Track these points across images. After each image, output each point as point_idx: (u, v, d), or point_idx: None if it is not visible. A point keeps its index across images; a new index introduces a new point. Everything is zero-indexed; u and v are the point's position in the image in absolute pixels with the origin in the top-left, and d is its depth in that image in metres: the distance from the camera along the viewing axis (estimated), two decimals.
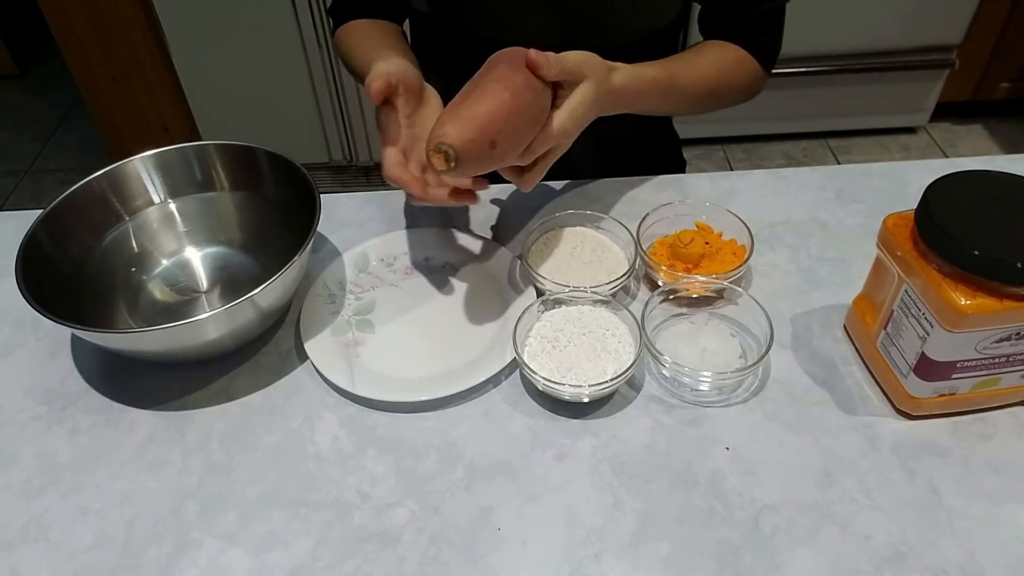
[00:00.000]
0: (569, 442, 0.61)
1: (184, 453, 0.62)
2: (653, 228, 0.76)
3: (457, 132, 0.56)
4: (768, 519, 0.55)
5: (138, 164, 0.76)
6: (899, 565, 0.53)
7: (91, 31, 1.90)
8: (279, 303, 0.68)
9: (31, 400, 0.67)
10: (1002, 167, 0.62)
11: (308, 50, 1.88)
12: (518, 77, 0.60)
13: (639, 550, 0.54)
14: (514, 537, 0.55)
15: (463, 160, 0.57)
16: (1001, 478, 0.58)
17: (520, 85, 0.59)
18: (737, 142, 2.29)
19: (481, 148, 0.57)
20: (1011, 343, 0.56)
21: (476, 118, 0.57)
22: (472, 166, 0.58)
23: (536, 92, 0.61)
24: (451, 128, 0.57)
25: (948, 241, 0.53)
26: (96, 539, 0.57)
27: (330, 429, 0.63)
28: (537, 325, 0.67)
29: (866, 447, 0.60)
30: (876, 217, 0.64)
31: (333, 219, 0.83)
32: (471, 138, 0.57)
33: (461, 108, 0.58)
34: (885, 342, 0.62)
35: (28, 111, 2.62)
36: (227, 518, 0.57)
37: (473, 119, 0.57)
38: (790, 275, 0.75)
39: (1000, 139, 2.27)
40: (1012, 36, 2.06)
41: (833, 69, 2.05)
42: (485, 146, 0.57)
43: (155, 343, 0.62)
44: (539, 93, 0.61)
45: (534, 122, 0.61)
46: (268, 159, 0.75)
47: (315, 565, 0.54)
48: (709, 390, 0.64)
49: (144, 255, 0.77)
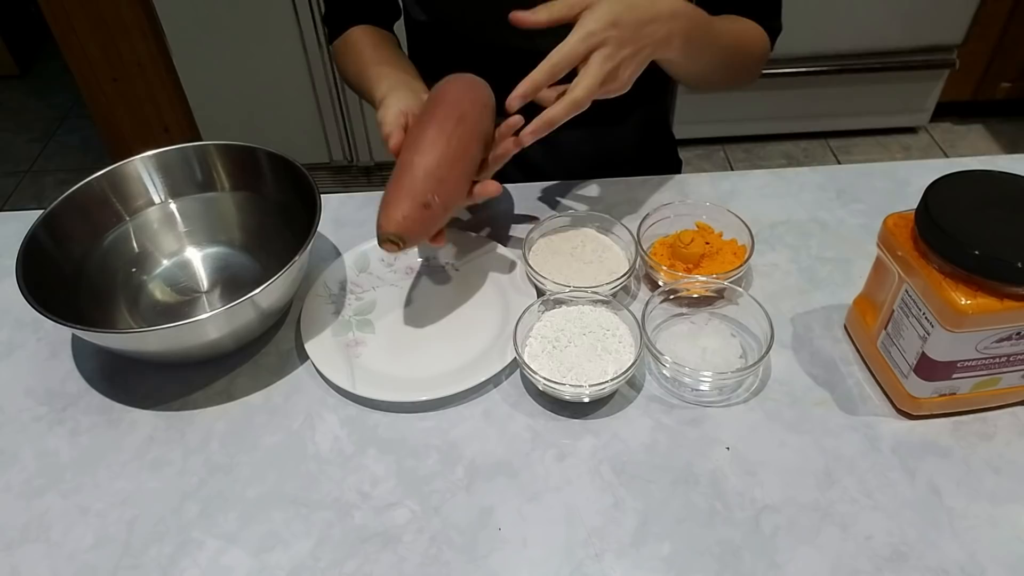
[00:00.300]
0: (570, 442, 0.61)
1: (185, 453, 0.62)
2: (654, 228, 0.76)
3: (386, 219, 0.61)
4: (769, 519, 0.55)
5: (138, 164, 0.76)
6: (900, 565, 0.53)
7: (92, 31, 1.90)
8: (279, 303, 0.68)
9: (32, 400, 0.67)
10: (1003, 167, 0.62)
11: (308, 50, 1.88)
12: (447, 123, 0.64)
13: (640, 550, 0.54)
14: (515, 537, 0.55)
15: (409, 237, 0.62)
16: (1002, 478, 0.58)
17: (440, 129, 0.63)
18: (737, 142, 2.29)
19: (418, 215, 0.62)
20: (1011, 343, 0.56)
21: (399, 195, 0.62)
22: (422, 232, 0.63)
23: (469, 123, 0.64)
24: (382, 218, 0.62)
25: (949, 241, 0.53)
26: (97, 539, 0.57)
27: (331, 429, 0.63)
28: (537, 325, 0.67)
29: (867, 447, 0.60)
30: (876, 217, 0.64)
31: (334, 219, 0.83)
32: (403, 215, 0.61)
33: (388, 191, 0.63)
34: (886, 342, 0.62)
35: (28, 111, 2.63)
36: (228, 518, 0.57)
37: (396, 197, 0.62)
38: (790, 275, 0.75)
39: (1001, 139, 2.27)
40: (1013, 36, 2.06)
41: (834, 69, 2.05)
42: (420, 211, 0.62)
43: (156, 343, 0.62)
44: (472, 122, 0.65)
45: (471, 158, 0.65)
46: (269, 159, 0.75)
47: (315, 565, 0.54)
48: (710, 390, 0.64)
49: (145, 255, 0.77)
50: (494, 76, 0.85)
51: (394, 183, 0.63)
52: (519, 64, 0.83)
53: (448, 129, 0.63)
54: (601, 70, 0.63)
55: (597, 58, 0.63)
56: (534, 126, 0.64)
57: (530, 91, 0.63)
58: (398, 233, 0.61)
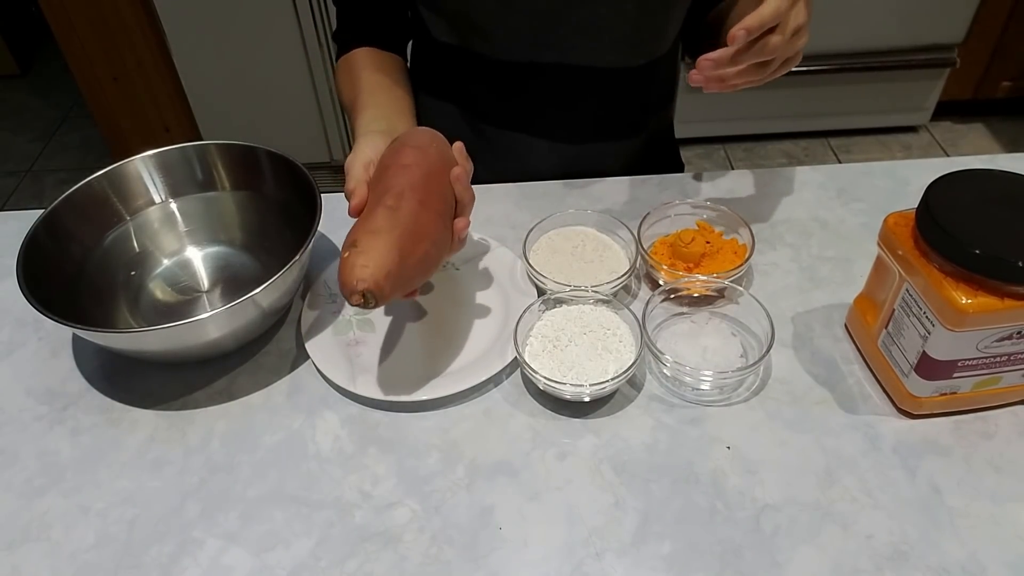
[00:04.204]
0: (570, 441, 0.61)
1: (185, 452, 0.62)
2: (654, 227, 0.76)
3: (367, 274, 0.54)
4: (769, 518, 0.55)
5: (139, 164, 0.76)
6: (900, 564, 0.53)
7: (92, 31, 1.90)
8: (280, 302, 0.68)
9: (32, 400, 0.67)
10: (1003, 166, 0.62)
11: (309, 49, 1.88)
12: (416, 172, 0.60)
13: (640, 549, 0.54)
14: (515, 536, 0.55)
15: (383, 294, 0.55)
16: (1002, 477, 0.58)
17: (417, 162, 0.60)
18: (738, 141, 2.29)
19: (398, 273, 0.55)
20: (1012, 342, 0.56)
21: (381, 251, 0.55)
22: (400, 289, 0.57)
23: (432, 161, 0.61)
24: (360, 271, 0.54)
25: (949, 240, 0.53)
26: (97, 538, 0.57)
27: (331, 428, 0.63)
28: (538, 324, 0.67)
29: (867, 446, 0.60)
30: (877, 216, 0.64)
31: (334, 219, 0.83)
32: (384, 274, 0.54)
33: (363, 241, 0.56)
34: (886, 341, 0.62)
35: (29, 111, 2.63)
36: (228, 517, 0.57)
37: (379, 253, 0.55)
38: (791, 274, 0.75)
39: (1001, 138, 2.26)
40: (1013, 35, 2.06)
41: (834, 68, 2.05)
42: (398, 268, 0.55)
43: (156, 343, 0.62)
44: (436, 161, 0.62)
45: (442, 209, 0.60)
46: (269, 159, 0.75)
47: (316, 564, 0.54)
48: (710, 389, 0.64)
49: (145, 255, 0.77)
50: (520, 93, 0.86)
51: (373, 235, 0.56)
52: (547, 80, 0.84)
53: (433, 158, 0.61)
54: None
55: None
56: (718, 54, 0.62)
57: (755, 29, 0.59)
58: (374, 292, 0.55)
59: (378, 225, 0.56)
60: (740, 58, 0.62)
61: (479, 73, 0.86)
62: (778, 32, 0.61)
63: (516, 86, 0.86)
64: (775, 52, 0.61)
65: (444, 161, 0.63)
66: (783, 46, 0.61)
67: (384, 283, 0.54)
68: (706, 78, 0.63)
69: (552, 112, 0.88)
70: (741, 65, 0.62)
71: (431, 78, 0.91)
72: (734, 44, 0.59)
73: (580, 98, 0.86)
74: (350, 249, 0.56)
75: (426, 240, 0.58)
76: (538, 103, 0.87)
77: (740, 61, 0.62)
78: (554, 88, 0.85)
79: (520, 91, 0.86)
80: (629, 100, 0.89)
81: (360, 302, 0.55)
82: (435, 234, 0.59)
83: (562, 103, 0.86)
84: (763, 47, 0.61)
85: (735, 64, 0.62)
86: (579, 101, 0.86)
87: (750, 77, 0.64)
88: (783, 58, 0.64)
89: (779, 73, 0.66)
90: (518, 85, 0.85)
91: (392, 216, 0.57)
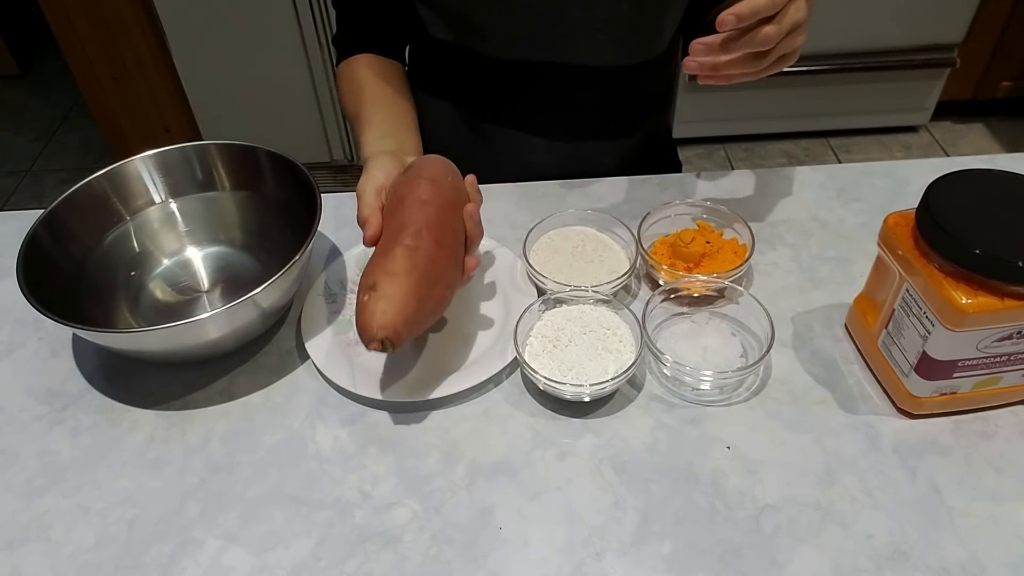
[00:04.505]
0: (570, 441, 0.61)
1: (185, 452, 0.62)
2: (654, 227, 0.76)
3: (387, 320, 0.56)
4: (769, 518, 0.55)
5: (139, 164, 0.76)
6: (900, 564, 0.53)
7: (92, 31, 1.90)
8: (280, 303, 0.68)
9: (32, 400, 0.67)
10: (1003, 166, 0.62)
11: (309, 49, 1.88)
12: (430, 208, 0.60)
13: (640, 549, 0.54)
14: (515, 536, 0.55)
15: (401, 341, 0.57)
16: (1002, 477, 0.58)
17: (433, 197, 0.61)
18: (738, 141, 2.29)
19: (415, 319, 0.57)
20: (1012, 342, 0.56)
21: (398, 297, 0.56)
22: (415, 333, 0.59)
23: (447, 192, 0.62)
24: (380, 318, 0.56)
25: (949, 240, 0.53)
26: (97, 539, 0.57)
27: (331, 428, 0.63)
28: (538, 324, 0.67)
29: (867, 446, 0.60)
30: (877, 216, 0.64)
31: (334, 218, 0.83)
32: (402, 321, 0.56)
33: (383, 286, 0.57)
34: (886, 341, 0.62)
35: (29, 111, 2.63)
36: (228, 517, 0.57)
37: (395, 300, 0.56)
38: (791, 274, 0.75)
39: (1001, 138, 2.27)
40: (1013, 35, 2.06)
41: (834, 68, 2.05)
42: (415, 314, 0.57)
43: (156, 343, 0.62)
44: (450, 192, 0.63)
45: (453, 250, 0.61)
46: (269, 159, 0.75)
47: (316, 564, 0.54)
48: (710, 389, 0.64)
49: (145, 255, 0.77)
50: (517, 91, 0.86)
51: (393, 280, 0.57)
52: (544, 79, 0.84)
53: (447, 189, 0.62)
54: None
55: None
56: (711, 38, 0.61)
57: (746, 16, 0.58)
58: (393, 339, 0.56)
59: (397, 267, 0.57)
60: (733, 46, 0.60)
61: (476, 71, 0.86)
62: (774, 23, 0.60)
63: (513, 84, 0.86)
64: (768, 43, 0.60)
65: (458, 195, 0.65)
66: (778, 38, 0.60)
67: (402, 330, 0.56)
68: (699, 64, 0.62)
69: (549, 110, 0.88)
70: (734, 53, 0.61)
71: (428, 76, 0.91)
72: (722, 28, 0.58)
73: (577, 97, 0.86)
74: (369, 292, 0.57)
75: (441, 284, 0.60)
76: (535, 101, 0.87)
77: (733, 49, 0.60)
78: (551, 87, 0.85)
79: (517, 89, 0.86)
80: (626, 99, 0.89)
81: (378, 348, 0.56)
82: (449, 277, 0.61)
83: (559, 102, 0.87)
84: (755, 36, 0.60)
85: (727, 51, 0.61)
86: (576, 100, 0.86)
87: (744, 68, 0.63)
88: (779, 52, 0.63)
89: (775, 68, 0.65)
90: (515, 83, 0.85)
91: (410, 258, 0.58)
